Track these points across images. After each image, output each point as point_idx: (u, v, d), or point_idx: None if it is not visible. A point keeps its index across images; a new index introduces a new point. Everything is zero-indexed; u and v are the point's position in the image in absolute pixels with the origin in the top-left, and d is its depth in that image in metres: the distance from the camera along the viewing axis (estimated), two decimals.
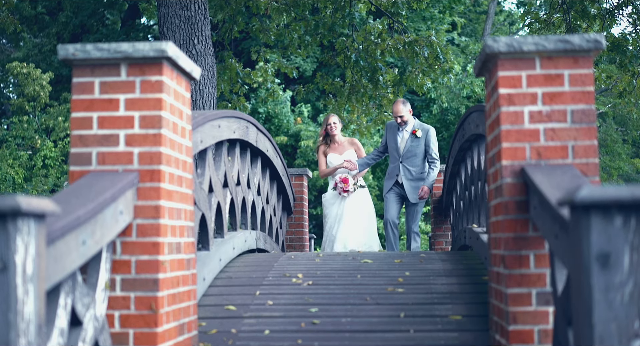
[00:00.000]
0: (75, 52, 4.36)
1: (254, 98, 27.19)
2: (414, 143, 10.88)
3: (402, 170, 10.90)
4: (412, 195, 10.89)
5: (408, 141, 10.91)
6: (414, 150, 10.87)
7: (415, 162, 10.90)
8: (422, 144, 10.88)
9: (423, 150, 10.91)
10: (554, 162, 4.41)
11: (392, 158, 11.11)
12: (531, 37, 4.44)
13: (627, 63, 13.10)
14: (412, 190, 10.86)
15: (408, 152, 10.89)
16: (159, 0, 11.64)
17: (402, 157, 10.90)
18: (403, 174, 10.90)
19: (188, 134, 4.99)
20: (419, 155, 10.90)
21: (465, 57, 31.02)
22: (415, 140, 10.88)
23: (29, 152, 22.99)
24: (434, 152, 10.93)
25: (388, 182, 11.18)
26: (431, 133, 10.98)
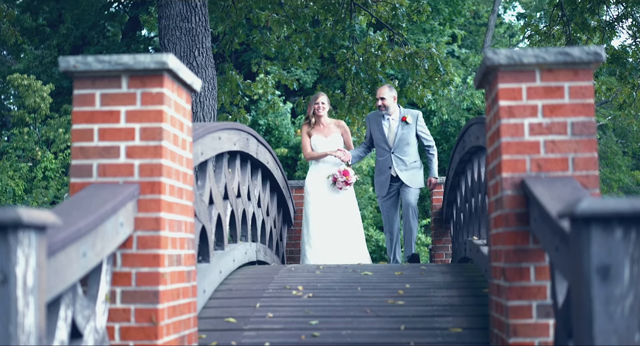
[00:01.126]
0: (76, 64, 4.37)
1: (255, 110, 27.21)
2: (405, 131, 10.48)
3: (395, 162, 10.45)
4: (410, 179, 10.47)
5: (398, 129, 10.49)
6: (406, 138, 10.48)
7: (407, 151, 10.51)
8: (413, 130, 10.51)
9: (415, 137, 10.55)
10: (554, 174, 4.41)
11: (381, 151, 10.67)
12: (531, 50, 4.45)
13: (627, 75, 13.12)
14: (410, 178, 10.45)
15: (400, 141, 10.47)
16: (160, 13, 11.66)
17: (393, 147, 10.48)
18: (396, 166, 10.45)
19: (189, 146, 5.00)
20: (412, 142, 10.52)
21: (465, 69, 31.05)
22: (406, 127, 10.48)
23: (30, 164, 22.99)
24: (428, 135, 10.63)
25: (380, 179, 10.71)
26: (420, 117, 10.64)
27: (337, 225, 10.60)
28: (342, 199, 10.72)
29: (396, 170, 10.44)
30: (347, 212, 10.74)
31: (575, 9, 12.99)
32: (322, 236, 10.54)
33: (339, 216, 10.66)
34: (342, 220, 10.65)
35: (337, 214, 10.65)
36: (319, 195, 10.71)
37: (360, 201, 25.39)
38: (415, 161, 10.53)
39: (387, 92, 10.58)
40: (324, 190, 10.73)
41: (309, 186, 10.81)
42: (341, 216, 10.67)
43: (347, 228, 10.66)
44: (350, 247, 10.58)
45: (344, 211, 10.71)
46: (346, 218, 10.71)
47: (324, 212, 10.64)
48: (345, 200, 10.75)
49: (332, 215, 10.64)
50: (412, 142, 10.51)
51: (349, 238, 10.63)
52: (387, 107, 10.51)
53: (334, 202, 10.69)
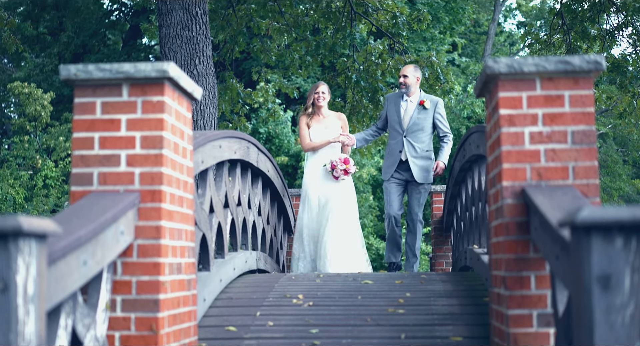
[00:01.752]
0: (77, 72, 4.37)
1: (255, 118, 27.25)
2: (421, 115, 9.93)
3: (406, 146, 9.89)
4: (419, 174, 9.90)
5: (414, 113, 9.94)
6: (421, 123, 9.92)
7: (421, 137, 9.94)
8: (430, 117, 9.95)
9: (431, 124, 9.99)
10: (555, 183, 4.41)
11: (394, 134, 10.10)
12: (531, 58, 4.45)
13: (627, 84, 13.13)
14: (418, 169, 9.90)
15: (414, 125, 9.93)
16: (161, 21, 11.68)
17: (406, 130, 9.94)
18: (407, 150, 9.89)
19: (189, 154, 5.00)
20: (426, 129, 9.96)
21: (465, 78, 31.09)
22: (423, 112, 9.93)
23: (30, 172, 23.00)
24: (445, 125, 10.06)
25: (388, 163, 10.12)
26: (440, 105, 10.09)
27: (333, 228, 9.87)
28: (344, 192, 10.10)
29: (407, 154, 9.89)
30: (344, 211, 10.02)
31: (575, 18, 13.01)
32: (316, 242, 9.98)
33: (336, 215, 9.93)
34: (339, 220, 9.93)
35: (334, 213, 9.93)
36: (315, 188, 10.13)
37: (361, 209, 25.40)
38: (428, 151, 9.99)
39: (411, 70, 10.10)
40: (320, 181, 10.14)
41: (307, 180, 10.29)
42: (338, 215, 9.95)
43: (347, 225, 10.01)
44: (348, 254, 9.90)
45: (341, 209, 9.99)
46: (343, 218, 9.99)
47: (319, 207, 10.05)
48: (346, 192, 10.13)
49: (329, 213, 9.95)
50: (427, 129, 9.97)
51: (349, 237, 9.98)
52: (409, 86, 10.00)
53: (331, 196, 10.06)
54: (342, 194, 10.07)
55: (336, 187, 10.06)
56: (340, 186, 10.08)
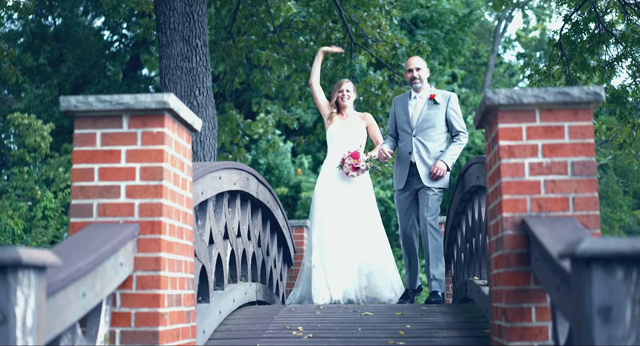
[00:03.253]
0: (78, 103, 4.38)
1: (255, 149, 27.27)
2: (432, 111, 8.76)
3: (415, 147, 8.75)
4: (428, 178, 8.71)
5: (424, 108, 8.79)
6: (432, 120, 8.74)
7: (432, 136, 8.76)
8: (443, 113, 8.77)
9: (444, 121, 8.78)
10: (555, 214, 4.40)
11: (403, 135, 8.92)
12: (531, 90, 4.46)
13: (627, 115, 13.15)
14: (426, 172, 8.72)
15: (424, 122, 8.75)
16: (161, 52, 11.72)
17: (415, 129, 8.77)
18: (416, 151, 8.72)
19: (189, 186, 5.00)
20: (438, 127, 8.78)
21: (465, 109, 31.15)
22: (434, 107, 8.78)
23: (29, 203, 22.96)
24: (459, 122, 8.83)
25: (398, 170, 8.94)
26: (453, 99, 8.86)
27: (351, 236, 9.07)
28: (357, 197, 9.24)
29: (415, 156, 8.74)
30: (363, 214, 9.22)
31: (574, 49, 13.06)
32: (333, 254, 9.03)
33: (354, 222, 9.11)
34: (357, 227, 9.11)
35: (351, 219, 9.11)
36: (328, 190, 9.28)
37: None
38: (442, 151, 8.79)
39: (423, 62, 9.07)
40: (334, 186, 9.29)
41: (319, 186, 9.41)
42: (356, 220, 9.13)
43: (364, 239, 9.13)
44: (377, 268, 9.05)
45: (358, 211, 9.19)
46: (363, 223, 9.16)
47: (334, 213, 9.13)
48: (361, 199, 9.27)
49: (345, 219, 9.10)
50: (440, 127, 8.79)
51: (367, 252, 9.08)
52: (422, 80, 8.91)
53: (346, 200, 9.21)
54: (360, 201, 9.25)
55: (353, 192, 9.23)
56: (357, 191, 9.25)
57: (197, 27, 11.71)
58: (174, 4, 11.61)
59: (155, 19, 12.08)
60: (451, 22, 30.42)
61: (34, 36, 30.53)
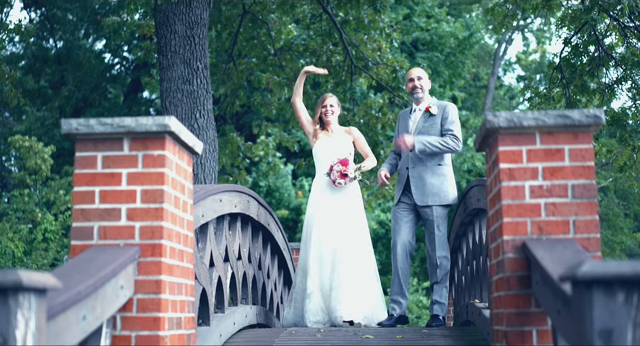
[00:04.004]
0: (79, 126, 4.39)
1: (255, 171, 27.28)
2: (428, 123, 8.38)
3: (412, 162, 8.41)
4: (420, 196, 8.31)
5: (420, 121, 8.46)
6: (428, 132, 8.34)
7: None
8: (439, 124, 8.34)
9: (440, 133, 8.35)
10: (556, 237, 4.40)
11: (401, 151, 8.57)
12: (531, 112, 4.47)
13: (627, 137, 13.16)
14: (421, 188, 8.34)
15: (419, 135, 8.33)
16: (162, 75, 11.75)
17: None
18: (412, 167, 8.38)
19: (189, 208, 5.00)
20: None
21: (465, 131, 31.19)
22: (430, 119, 8.40)
23: (29, 226, 22.95)
24: (454, 127, 8.34)
25: (399, 185, 8.60)
26: (450, 108, 8.42)
27: (343, 261, 8.58)
28: (348, 215, 8.80)
29: (412, 171, 8.40)
30: (354, 238, 8.74)
31: (574, 72, 13.08)
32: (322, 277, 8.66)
33: (345, 246, 8.65)
34: (348, 252, 8.65)
35: (342, 242, 8.65)
36: (318, 210, 8.86)
37: None
38: (440, 165, 8.37)
39: (424, 72, 8.72)
40: (323, 200, 8.89)
41: (310, 201, 9.08)
42: (347, 246, 8.66)
43: (355, 265, 8.66)
44: (362, 291, 8.58)
45: (350, 236, 8.72)
46: (353, 248, 8.70)
47: (323, 234, 8.72)
48: (354, 215, 8.83)
49: (336, 243, 8.66)
50: None
51: (358, 280, 8.60)
52: (424, 89, 8.58)
53: (337, 218, 8.77)
54: (349, 214, 8.82)
55: (342, 204, 8.82)
56: (346, 202, 8.84)
57: (198, 50, 11.75)
58: (175, 27, 11.66)
59: (157, 41, 12.12)
60: (451, 45, 30.50)
61: (35, 59, 30.62)
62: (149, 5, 11.55)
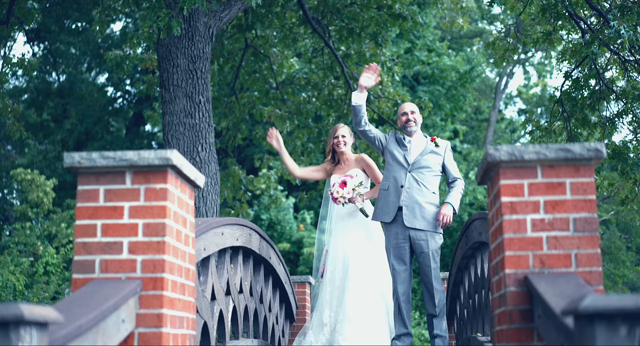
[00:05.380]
0: (81, 160, 4.40)
1: (257, 204, 27.29)
2: (431, 154, 8.42)
3: (408, 182, 8.31)
4: (411, 218, 8.22)
5: (423, 150, 8.44)
6: (430, 160, 8.39)
7: (428, 178, 8.35)
8: (441, 159, 8.44)
9: (439, 167, 8.44)
10: (558, 270, 4.39)
11: (394, 168, 8.46)
12: (532, 146, 4.47)
13: (628, 171, 13.16)
14: (417, 212, 8.24)
15: (423, 160, 8.37)
16: (164, 109, 11.79)
17: (411, 165, 8.36)
18: (408, 186, 8.27)
19: (191, 242, 5.00)
20: (435, 170, 8.40)
21: (467, 164, 31.22)
22: (434, 151, 8.45)
23: (31, 259, 22.94)
24: (456, 169, 8.55)
25: (389, 200, 8.39)
26: (449, 148, 8.62)
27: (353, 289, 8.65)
28: (359, 243, 8.89)
29: (407, 191, 8.28)
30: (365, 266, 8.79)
31: (575, 105, 13.11)
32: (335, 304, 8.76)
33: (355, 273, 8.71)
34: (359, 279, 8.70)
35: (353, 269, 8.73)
36: (333, 238, 8.98)
37: None
38: (434, 193, 8.37)
39: (416, 106, 8.75)
40: (336, 227, 9.04)
41: (327, 231, 9.14)
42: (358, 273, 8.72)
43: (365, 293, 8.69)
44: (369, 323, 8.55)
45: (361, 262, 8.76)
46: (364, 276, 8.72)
47: (338, 262, 8.86)
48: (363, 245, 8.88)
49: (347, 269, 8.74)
50: (436, 170, 8.43)
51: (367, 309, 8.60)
52: (418, 123, 8.62)
53: (349, 244, 8.87)
54: (360, 242, 8.90)
55: (353, 231, 8.91)
56: (357, 229, 8.92)
57: (200, 83, 11.79)
58: (177, 61, 11.70)
59: (159, 75, 12.17)
60: (452, 79, 30.61)
61: (38, 92, 30.76)
62: (152, 39, 11.60)
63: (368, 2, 15.94)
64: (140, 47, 17.13)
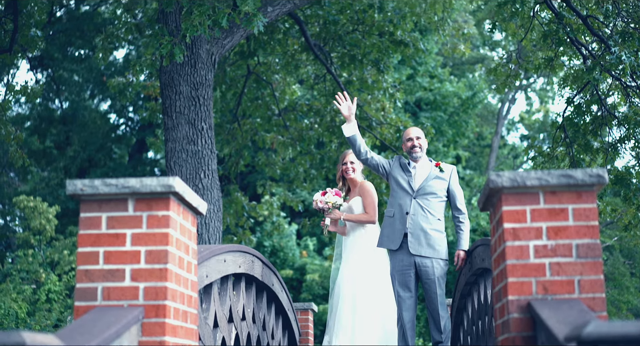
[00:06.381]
0: (84, 187, 4.40)
1: (260, 231, 27.27)
2: (436, 180, 8.35)
3: (413, 209, 8.26)
4: (416, 245, 8.20)
5: (428, 176, 8.36)
6: (435, 186, 8.33)
7: (433, 204, 8.31)
8: (446, 184, 8.36)
9: (445, 193, 8.37)
10: (561, 297, 4.38)
11: (399, 195, 8.41)
12: (534, 172, 4.48)
13: (631, 196, 13.13)
14: (422, 239, 8.21)
15: (428, 187, 8.32)
16: (167, 136, 11.81)
17: (416, 191, 8.30)
18: (413, 213, 8.22)
19: (194, 269, 4.99)
20: (441, 196, 8.34)
21: (470, 190, 31.20)
22: (439, 176, 8.37)
23: (33, 286, 22.90)
24: (461, 200, 8.49)
25: (395, 227, 8.34)
26: (455, 172, 8.53)
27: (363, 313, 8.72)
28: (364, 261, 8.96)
29: (412, 218, 8.23)
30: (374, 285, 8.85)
31: (577, 131, 13.11)
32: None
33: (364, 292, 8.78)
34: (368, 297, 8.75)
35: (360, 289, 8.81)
36: (338, 263, 9.05)
37: None
38: (440, 220, 8.32)
39: (422, 132, 8.64)
40: (341, 252, 9.16)
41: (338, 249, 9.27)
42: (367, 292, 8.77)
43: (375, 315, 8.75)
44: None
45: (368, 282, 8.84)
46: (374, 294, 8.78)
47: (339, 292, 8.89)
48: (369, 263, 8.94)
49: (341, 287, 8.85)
50: (441, 196, 8.36)
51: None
52: (422, 148, 8.51)
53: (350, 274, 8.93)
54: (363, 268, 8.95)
55: (356, 257, 8.99)
56: (360, 255, 8.98)
57: (202, 110, 11.82)
58: (180, 88, 11.74)
59: (162, 102, 12.19)
60: (455, 105, 30.67)
61: (41, 119, 30.82)
62: (154, 66, 11.63)
63: (370, 29, 16.00)
64: (143, 74, 17.18)
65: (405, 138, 8.65)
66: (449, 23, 16.78)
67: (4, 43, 13.57)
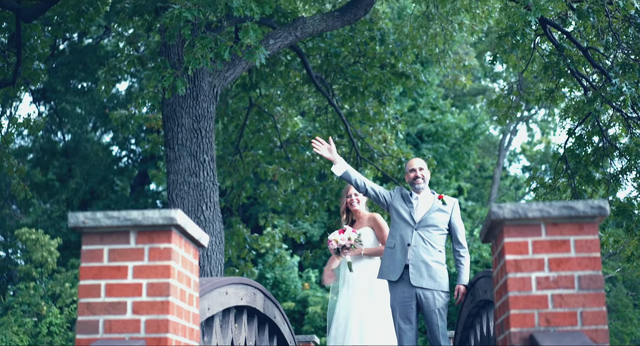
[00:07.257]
0: (86, 220, 4.41)
1: (262, 263, 27.23)
2: (438, 212, 8.33)
3: (414, 240, 8.25)
4: (418, 277, 8.18)
5: (431, 208, 8.36)
6: (437, 218, 8.32)
7: (434, 236, 8.29)
8: (448, 218, 8.34)
9: (446, 225, 8.34)
10: (563, 329, 4.37)
11: (400, 226, 8.42)
12: (536, 204, 4.48)
13: (633, 227, 13.12)
14: (423, 271, 8.20)
15: (430, 219, 8.32)
16: (169, 168, 11.82)
17: (418, 223, 8.30)
18: (414, 245, 8.21)
19: (195, 301, 4.99)
20: (442, 229, 8.31)
21: (472, 222, 31.17)
22: (441, 209, 8.36)
23: (35, 319, 22.84)
24: (462, 234, 8.44)
25: (395, 258, 8.34)
26: (457, 205, 8.50)
27: None
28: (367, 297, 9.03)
29: (414, 249, 8.22)
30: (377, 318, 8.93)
31: (579, 162, 13.12)
32: None
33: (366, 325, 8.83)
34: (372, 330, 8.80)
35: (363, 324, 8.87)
36: (340, 298, 9.16)
37: None
38: (441, 252, 8.29)
39: (425, 163, 8.66)
40: (343, 288, 9.19)
41: (334, 285, 9.40)
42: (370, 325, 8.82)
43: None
44: None
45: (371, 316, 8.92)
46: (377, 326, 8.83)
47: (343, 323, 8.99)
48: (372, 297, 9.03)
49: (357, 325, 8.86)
50: (443, 228, 8.32)
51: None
52: (425, 180, 8.53)
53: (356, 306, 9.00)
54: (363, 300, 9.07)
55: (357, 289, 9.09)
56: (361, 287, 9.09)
57: (204, 142, 11.84)
58: (182, 120, 11.76)
59: (164, 134, 12.22)
60: (456, 136, 30.73)
61: (44, 152, 30.87)
62: (157, 99, 11.66)
63: (371, 61, 16.06)
64: (145, 107, 17.23)
65: (408, 169, 8.66)
66: (450, 55, 16.82)
67: (7, 76, 13.63)
